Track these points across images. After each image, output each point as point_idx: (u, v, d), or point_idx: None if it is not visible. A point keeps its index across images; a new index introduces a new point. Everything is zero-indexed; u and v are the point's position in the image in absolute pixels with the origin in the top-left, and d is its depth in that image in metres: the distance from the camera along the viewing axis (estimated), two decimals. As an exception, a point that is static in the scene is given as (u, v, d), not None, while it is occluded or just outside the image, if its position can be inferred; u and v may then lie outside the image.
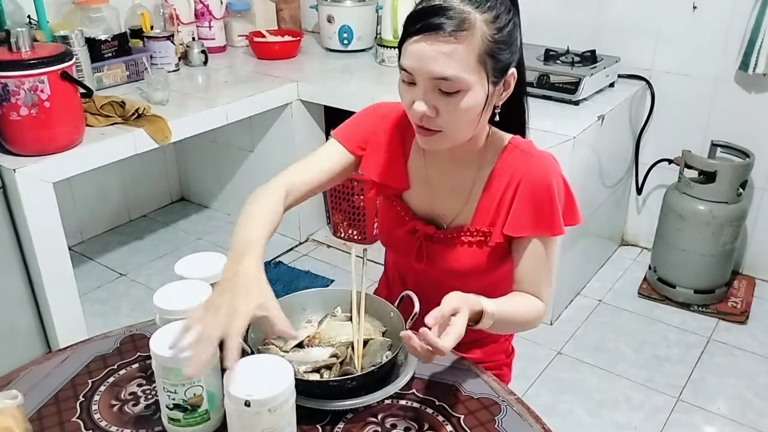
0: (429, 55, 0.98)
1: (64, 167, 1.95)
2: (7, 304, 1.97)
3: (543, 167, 1.12)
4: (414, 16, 1.01)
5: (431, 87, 1.01)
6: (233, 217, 3.16)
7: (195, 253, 1.15)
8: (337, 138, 1.24)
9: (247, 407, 0.83)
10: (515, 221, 1.13)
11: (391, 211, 1.25)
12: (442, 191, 1.20)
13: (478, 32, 0.98)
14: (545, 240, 1.13)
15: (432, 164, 1.20)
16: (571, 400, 2.10)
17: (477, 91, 1.02)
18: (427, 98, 1.02)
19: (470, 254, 1.17)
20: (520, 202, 1.12)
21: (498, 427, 0.99)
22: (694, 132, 2.63)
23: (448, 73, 0.98)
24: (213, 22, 2.92)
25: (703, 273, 2.49)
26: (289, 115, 2.71)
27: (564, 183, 1.14)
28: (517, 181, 1.12)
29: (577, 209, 1.17)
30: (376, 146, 1.23)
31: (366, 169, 1.24)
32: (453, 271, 1.18)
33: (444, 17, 0.97)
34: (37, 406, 1.03)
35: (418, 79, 1.02)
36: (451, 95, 1.01)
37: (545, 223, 1.12)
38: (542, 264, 1.14)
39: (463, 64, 0.98)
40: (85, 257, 2.87)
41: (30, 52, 1.83)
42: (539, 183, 1.11)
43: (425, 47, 0.98)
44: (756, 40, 2.32)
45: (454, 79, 0.99)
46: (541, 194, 1.11)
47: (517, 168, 1.13)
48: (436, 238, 1.19)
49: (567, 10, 2.72)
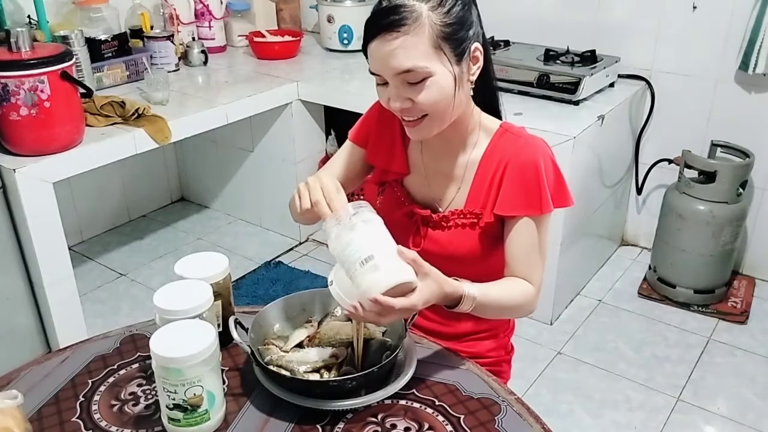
0: (385, 53, 1.05)
1: (64, 167, 1.95)
2: (7, 304, 1.97)
3: (531, 148, 1.16)
4: (367, 23, 1.07)
5: (399, 82, 1.07)
6: (233, 217, 3.16)
7: (195, 253, 1.14)
8: (350, 138, 1.33)
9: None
10: (504, 201, 1.16)
11: (391, 196, 1.28)
12: (437, 177, 1.24)
13: (426, 21, 1.04)
14: (535, 220, 1.16)
15: (427, 151, 1.25)
16: (571, 400, 2.10)
17: (443, 74, 1.07)
18: (399, 93, 1.08)
19: (464, 237, 1.20)
20: (508, 181, 1.16)
21: (498, 427, 0.99)
22: (694, 132, 2.63)
23: (407, 65, 1.05)
24: (213, 22, 2.92)
25: (703, 273, 2.49)
26: (289, 115, 2.71)
27: (553, 164, 1.17)
28: (506, 162, 1.16)
29: (567, 191, 1.19)
30: (377, 134, 1.29)
31: (371, 157, 1.31)
32: (449, 255, 1.20)
33: (390, 16, 1.04)
34: (37, 406, 1.03)
35: (386, 78, 1.08)
36: (417, 84, 1.07)
37: (534, 202, 1.15)
38: (532, 245, 1.16)
39: (418, 54, 1.04)
40: (85, 257, 2.87)
41: (30, 52, 1.83)
42: (527, 163, 1.14)
43: (380, 46, 1.05)
44: (756, 40, 2.32)
45: (415, 69, 1.05)
46: (529, 174, 1.14)
47: (507, 150, 1.17)
48: (432, 221, 1.22)
49: (567, 10, 2.72)
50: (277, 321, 1.15)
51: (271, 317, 1.15)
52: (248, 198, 3.04)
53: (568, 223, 2.26)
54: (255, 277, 2.71)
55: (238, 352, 1.12)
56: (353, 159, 1.32)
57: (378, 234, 0.98)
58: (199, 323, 0.97)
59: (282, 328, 1.15)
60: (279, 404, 1.00)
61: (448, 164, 1.22)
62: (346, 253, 0.95)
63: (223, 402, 0.98)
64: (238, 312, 1.18)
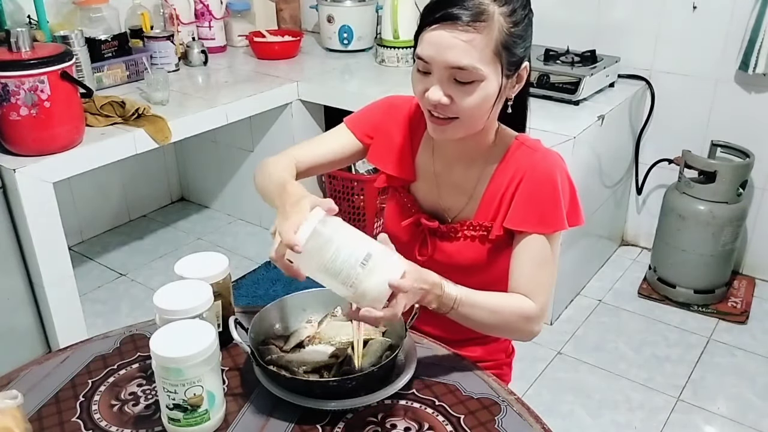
0: (447, 44, 1.00)
1: (64, 167, 1.95)
2: (7, 304, 1.97)
3: (548, 163, 1.13)
4: (433, 6, 1.03)
5: (446, 76, 1.03)
6: (233, 217, 3.16)
7: (195, 253, 1.14)
8: (347, 124, 1.28)
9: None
10: (516, 215, 1.13)
11: (398, 203, 1.27)
12: (448, 186, 1.21)
13: (496, 24, 1.01)
14: (546, 238, 1.12)
15: (440, 159, 1.21)
16: (571, 400, 2.10)
17: (491, 82, 1.04)
18: (442, 87, 1.04)
19: (472, 248, 1.18)
20: (521, 196, 1.12)
21: (498, 427, 0.98)
22: (694, 132, 2.63)
23: (465, 62, 1.01)
24: (213, 22, 2.92)
25: (703, 273, 2.49)
26: (289, 115, 2.71)
27: (569, 182, 1.14)
28: (521, 176, 1.13)
29: (580, 210, 1.16)
30: (384, 136, 1.25)
31: (373, 158, 1.27)
32: (454, 265, 1.18)
33: (463, 8, 1.00)
34: (37, 406, 1.03)
35: (433, 69, 1.04)
36: (465, 85, 1.03)
37: (548, 218, 1.11)
38: (539, 262, 1.12)
39: (479, 55, 1.01)
40: (85, 257, 2.87)
41: (30, 52, 1.83)
42: (543, 178, 1.11)
43: (444, 35, 1.00)
44: (756, 40, 2.32)
45: (470, 69, 1.01)
46: (544, 189, 1.11)
47: (522, 163, 1.14)
48: (439, 232, 1.20)
49: (567, 10, 2.72)
50: (277, 321, 1.15)
51: (271, 317, 1.15)
52: (248, 198, 3.03)
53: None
54: (255, 277, 2.71)
55: (238, 352, 1.12)
56: (343, 146, 1.26)
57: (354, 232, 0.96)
58: (199, 323, 0.97)
59: (282, 328, 1.15)
60: (279, 404, 1.00)
61: (461, 174, 1.19)
62: (338, 263, 0.91)
63: (223, 402, 0.98)
64: (238, 312, 1.18)
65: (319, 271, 0.93)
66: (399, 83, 2.53)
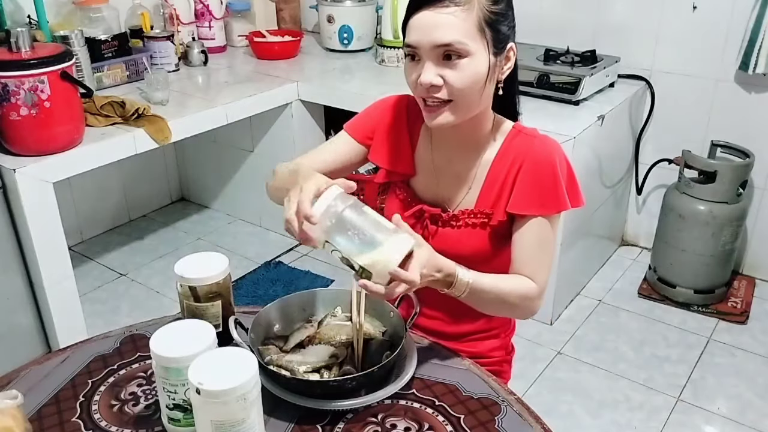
0: (431, 23, 1.04)
1: (64, 167, 1.95)
2: (7, 304, 1.97)
3: (546, 148, 1.16)
4: None
5: (435, 57, 1.06)
6: (233, 217, 3.16)
7: (195, 253, 1.14)
8: (347, 130, 1.30)
9: (198, 394, 0.84)
10: (518, 199, 1.15)
11: (398, 197, 1.28)
12: (448, 177, 1.23)
13: (476, 2, 1.05)
14: (547, 220, 1.15)
15: (438, 151, 1.23)
16: (571, 400, 2.10)
17: (480, 58, 1.07)
18: (434, 69, 1.07)
19: (474, 236, 1.20)
20: (522, 181, 1.15)
21: (498, 427, 0.99)
22: (694, 132, 2.63)
23: (450, 38, 1.04)
24: (213, 22, 2.92)
25: (703, 273, 2.49)
26: (289, 115, 2.71)
27: (567, 164, 1.17)
28: (520, 162, 1.16)
29: (579, 191, 1.19)
30: (383, 134, 1.27)
31: (374, 156, 1.28)
32: (457, 254, 1.18)
33: None
34: (37, 406, 1.03)
35: (422, 53, 1.07)
36: (455, 62, 1.06)
37: (549, 200, 1.14)
38: (540, 244, 1.16)
39: (463, 30, 1.04)
40: (85, 257, 2.87)
41: (30, 52, 1.83)
42: (542, 162, 1.14)
43: (427, 15, 1.05)
44: (756, 40, 2.32)
45: (456, 44, 1.04)
46: (544, 172, 1.14)
47: (521, 150, 1.17)
48: (441, 220, 1.22)
49: (567, 10, 2.72)
50: (277, 321, 1.15)
51: (271, 317, 1.15)
52: (248, 198, 3.04)
53: (568, 223, 2.26)
54: (255, 277, 2.71)
55: (238, 352, 1.12)
56: (347, 151, 1.29)
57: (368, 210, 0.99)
58: (199, 323, 0.97)
59: (282, 328, 1.15)
60: (279, 404, 1.00)
61: (460, 165, 1.21)
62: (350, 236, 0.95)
63: (223, 402, 0.98)
64: (238, 312, 1.18)
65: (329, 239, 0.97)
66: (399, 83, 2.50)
